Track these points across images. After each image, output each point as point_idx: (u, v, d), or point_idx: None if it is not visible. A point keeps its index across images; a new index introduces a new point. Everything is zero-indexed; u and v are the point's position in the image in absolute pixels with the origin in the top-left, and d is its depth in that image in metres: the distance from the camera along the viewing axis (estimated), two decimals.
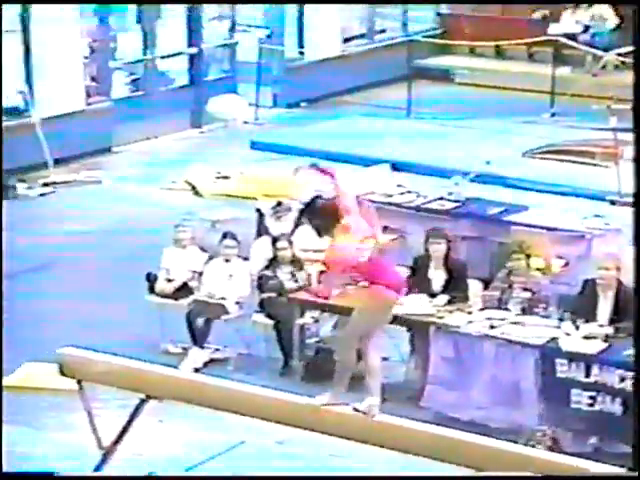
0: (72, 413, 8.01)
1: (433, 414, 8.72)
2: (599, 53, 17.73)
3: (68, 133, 14.75)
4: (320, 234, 6.33)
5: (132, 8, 16.52)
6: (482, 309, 9.29)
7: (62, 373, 6.83)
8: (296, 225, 11.17)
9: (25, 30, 14.66)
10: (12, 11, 14.61)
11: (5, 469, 7.79)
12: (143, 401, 6.65)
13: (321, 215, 6.41)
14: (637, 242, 6.01)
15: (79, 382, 6.73)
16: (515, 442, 6.41)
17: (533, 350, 8.70)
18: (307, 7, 17.89)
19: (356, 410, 6.26)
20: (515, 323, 8.99)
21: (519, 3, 18.97)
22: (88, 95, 15.40)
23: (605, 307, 8.94)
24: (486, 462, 5.90)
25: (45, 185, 14.31)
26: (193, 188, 14.23)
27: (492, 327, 8.95)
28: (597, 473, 5.70)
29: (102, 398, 7.72)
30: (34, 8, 14.65)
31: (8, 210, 13.51)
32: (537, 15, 18.93)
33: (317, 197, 6.40)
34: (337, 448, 7.64)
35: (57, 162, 14.67)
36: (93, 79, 15.79)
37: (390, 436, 6.12)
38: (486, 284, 9.73)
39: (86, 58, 15.65)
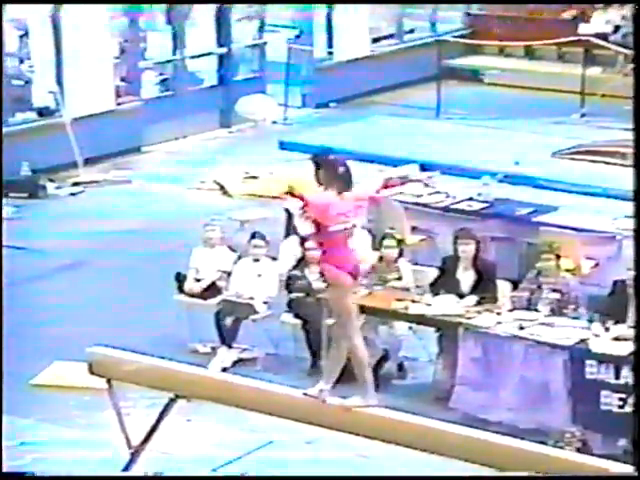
0: (101, 412, 8.03)
1: (461, 415, 8.70)
2: (630, 53, 17.61)
3: (98, 133, 14.80)
4: (321, 184, 6.39)
5: (160, 8, 16.58)
6: (511, 310, 9.26)
7: (91, 372, 6.85)
8: None
9: (56, 30, 14.73)
10: (43, 11, 14.68)
11: (36, 468, 7.84)
12: (172, 400, 6.67)
13: (325, 167, 6.38)
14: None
15: (108, 381, 6.75)
16: (544, 443, 6.38)
17: (562, 351, 8.66)
18: (336, 7, 17.88)
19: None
20: (544, 324, 8.95)
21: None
22: (118, 95, 15.46)
23: None
24: (514, 463, 5.88)
25: (75, 185, 14.37)
26: (222, 188, 14.25)
27: (521, 328, 8.91)
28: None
29: (131, 397, 7.75)
30: (65, 8, 14.72)
31: (38, 209, 13.60)
32: (567, 15, 18.85)
33: (329, 149, 6.46)
34: (366, 449, 7.63)
35: (87, 162, 14.72)
36: (123, 79, 15.85)
37: (418, 437, 6.10)
38: (515, 285, 9.69)
39: (116, 58, 15.72)
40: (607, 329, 8.78)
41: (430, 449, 6.11)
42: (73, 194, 14.21)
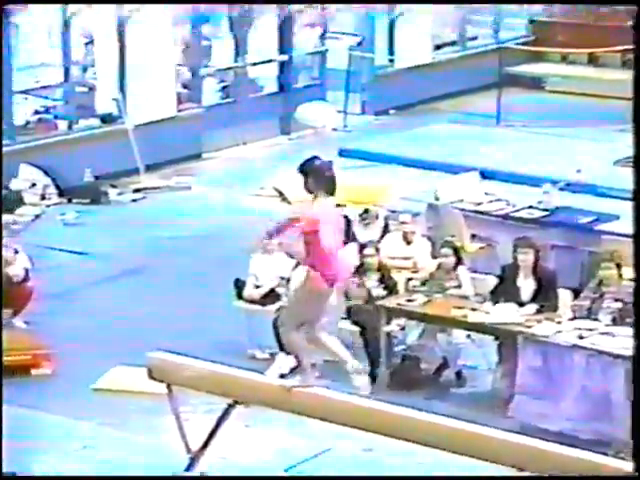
0: (160, 417, 8.08)
1: (520, 424, 8.64)
2: None
3: (159, 139, 14.93)
4: (310, 192, 6.48)
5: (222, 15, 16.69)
6: (571, 319, 9.18)
7: (152, 377, 6.90)
8: (383, 232, 11.16)
9: (120, 38, 14.88)
10: (109, 20, 14.82)
11: (98, 471, 7.90)
12: (230, 406, 6.69)
13: (312, 173, 6.51)
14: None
15: (168, 386, 6.80)
16: (605, 454, 6.31)
17: (624, 361, 8.56)
18: (398, 14, 17.86)
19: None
20: (605, 333, 8.86)
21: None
22: (179, 102, 15.57)
23: None
24: (573, 472, 5.83)
25: (136, 191, 14.49)
26: (281, 194, 14.29)
27: (581, 337, 8.83)
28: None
29: (190, 402, 7.79)
30: (128, 15, 14.85)
31: (100, 215, 13.73)
32: (632, 22, 18.67)
33: (315, 157, 6.58)
34: (425, 456, 7.60)
35: (148, 168, 14.85)
36: (184, 86, 15.97)
37: (476, 445, 6.08)
38: (576, 294, 9.62)
39: (178, 65, 15.83)
40: None
41: (487, 457, 6.08)
42: (134, 200, 14.32)
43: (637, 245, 5.94)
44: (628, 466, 5.96)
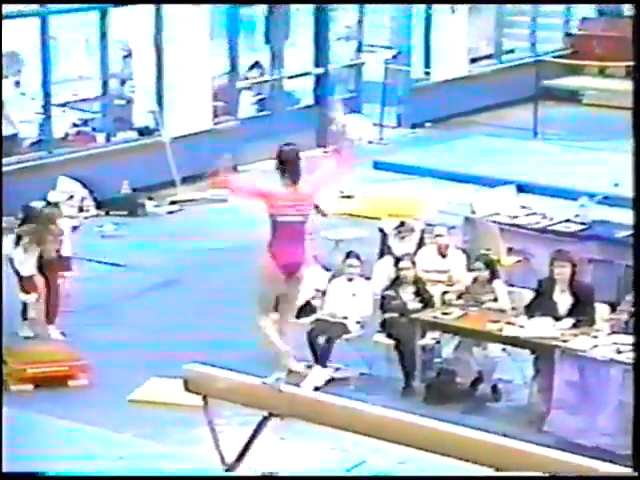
0: (196, 428, 8.11)
1: (556, 439, 8.59)
2: None
3: (196, 152, 14.99)
4: (288, 179, 6.88)
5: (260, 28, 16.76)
6: (609, 333, 9.12)
7: (187, 389, 6.92)
8: (419, 245, 11.15)
9: (158, 51, 14.97)
10: (145, 32, 14.92)
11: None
12: (265, 418, 6.70)
13: (288, 162, 6.84)
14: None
15: (204, 398, 6.82)
16: None
17: None
18: (434, 27, 17.88)
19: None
20: None
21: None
22: (215, 115, 15.63)
23: None
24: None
25: (172, 203, 14.56)
26: (316, 207, 14.28)
27: (619, 352, 8.78)
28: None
29: (225, 415, 7.81)
30: (166, 28, 14.94)
31: (137, 227, 13.80)
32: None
33: (289, 143, 6.72)
34: (461, 470, 7.57)
35: (184, 180, 14.92)
36: (221, 99, 16.03)
37: (512, 460, 6.05)
38: (613, 308, 9.56)
39: (215, 78, 15.90)
40: None
41: (522, 472, 6.05)
42: (171, 212, 14.39)
43: (637, 245, 5.92)
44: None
